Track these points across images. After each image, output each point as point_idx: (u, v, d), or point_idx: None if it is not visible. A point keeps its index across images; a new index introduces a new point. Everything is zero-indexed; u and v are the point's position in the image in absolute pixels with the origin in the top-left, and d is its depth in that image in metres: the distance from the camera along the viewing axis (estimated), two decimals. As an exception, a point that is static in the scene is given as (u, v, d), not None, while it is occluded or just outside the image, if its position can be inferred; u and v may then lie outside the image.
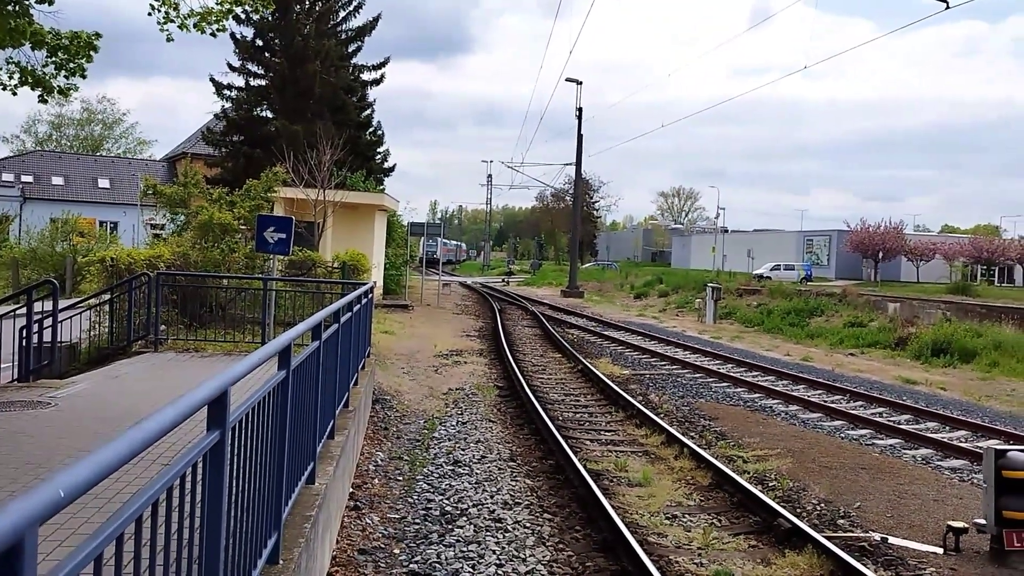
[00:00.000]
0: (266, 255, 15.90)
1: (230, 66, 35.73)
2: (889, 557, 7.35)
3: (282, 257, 15.50)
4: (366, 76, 39.13)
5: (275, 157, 24.87)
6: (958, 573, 6.98)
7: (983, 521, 7.44)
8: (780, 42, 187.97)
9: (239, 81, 36.20)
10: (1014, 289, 54.38)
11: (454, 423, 12.34)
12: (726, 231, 79.67)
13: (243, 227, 18.48)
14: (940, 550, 7.52)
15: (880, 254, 56.12)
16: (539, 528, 7.78)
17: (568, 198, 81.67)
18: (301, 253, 18.16)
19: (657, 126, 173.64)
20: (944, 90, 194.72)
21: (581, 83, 50.44)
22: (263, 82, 36.41)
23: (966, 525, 7.56)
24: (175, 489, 2.44)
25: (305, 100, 35.12)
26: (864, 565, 6.81)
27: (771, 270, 57.32)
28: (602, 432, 12.21)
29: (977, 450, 11.15)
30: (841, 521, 8.38)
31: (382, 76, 39.29)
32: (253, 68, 36.21)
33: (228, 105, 36.40)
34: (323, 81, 34.96)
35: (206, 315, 14.32)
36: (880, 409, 14.90)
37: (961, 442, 12.25)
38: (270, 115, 36.52)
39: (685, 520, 8.28)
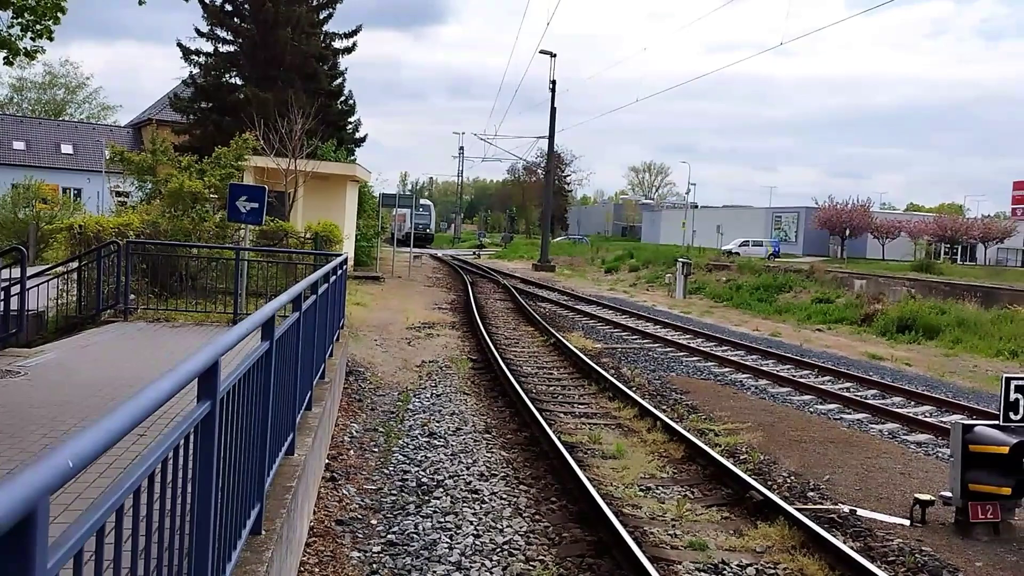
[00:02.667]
0: (237, 224, 15.72)
1: (198, 31, 34.98)
2: (858, 528, 7.51)
3: (253, 227, 15.32)
4: (337, 44, 38.53)
5: (245, 125, 24.46)
6: (925, 544, 7.15)
7: (949, 494, 7.62)
8: (754, 19, 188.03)
9: (207, 47, 35.47)
10: (976, 268, 55.38)
11: (428, 395, 12.35)
12: (696, 207, 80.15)
13: (213, 196, 18.21)
14: (907, 522, 7.70)
15: (847, 231, 56.86)
16: (515, 499, 7.84)
17: (540, 172, 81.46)
18: (273, 223, 17.96)
19: (631, 101, 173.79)
20: (912, 69, 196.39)
21: (555, 55, 50.18)
22: (232, 48, 35.72)
23: (933, 498, 7.74)
24: (169, 461, 2.41)
25: (275, 67, 34.54)
26: (834, 536, 6.95)
27: (740, 246, 57.80)
28: (576, 405, 12.29)
29: (942, 425, 11.41)
30: (811, 493, 8.53)
31: (354, 44, 38.71)
32: (222, 33, 35.48)
33: (196, 71, 35.69)
34: (294, 48, 34.38)
35: (176, 285, 14.14)
36: (847, 384, 15.16)
37: (926, 417, 12.51)
38: (239, 82, 35.87)
39: (659, 492, 8.39)
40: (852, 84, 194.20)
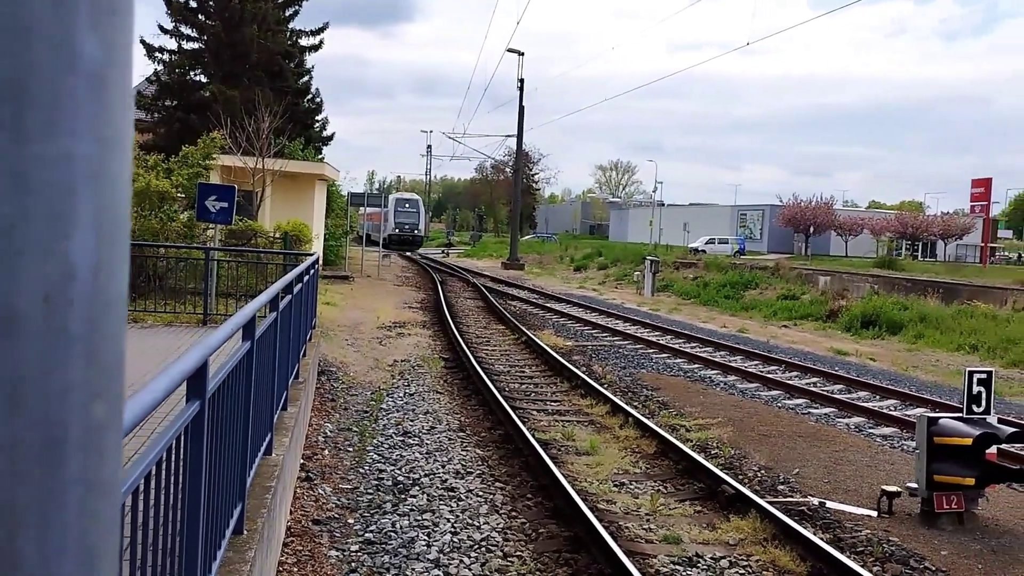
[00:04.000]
0: (205, 224, 15.59)
1: (162, 28, 34.53)
2: (827, 520, 7.67)
3: (222, 227, 15.21)
4: (304, 42, 38.28)
5: (211, 123, 24.21)
6: (892, 534, 7.33)
7: (915, 485, 7.81)
8: (720, 19, 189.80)
9: (171, 44, 35.05)
10: (937, 264, 56.49)
11: (401, 394, 12.36)
12: (663, 205, 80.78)
13: (181, 195, 18.03)
14: (874, 513, 7.88)
15: (811, 229, 57.70)
16: (492, 496, 7.89)
17: (508, 170, 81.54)
18: (242, 223, 17.84)
19: (598, 99, 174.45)
20: (874, 69, 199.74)
21: (523, 54, 50.21)
22: (197, 45, 35.33)
23: (899, 489, 7.92)
24: (163, 461, 2.43)
25: (241, 65, 34.22)
26: (804, 528, 7.09)
27: (706, 243, 58.43)
28: (548, 402, 12.37)
29: (906, 418, 11.66)
30: (781, 487, 8.69)
31: (321, 42, 38.49)
32: (186, 31, 35.07)
33: (160, 68, 35.25)
34: (260, 46, 34.08)
35: (144, 285, 13.99)
36: (814, 379, 15.41)
37: (891, 410, 12.77)
38: (205, 80, 35.50)
39: (633, 487, 8.49)
40: (816, 83, 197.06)
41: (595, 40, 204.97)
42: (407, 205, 60.12)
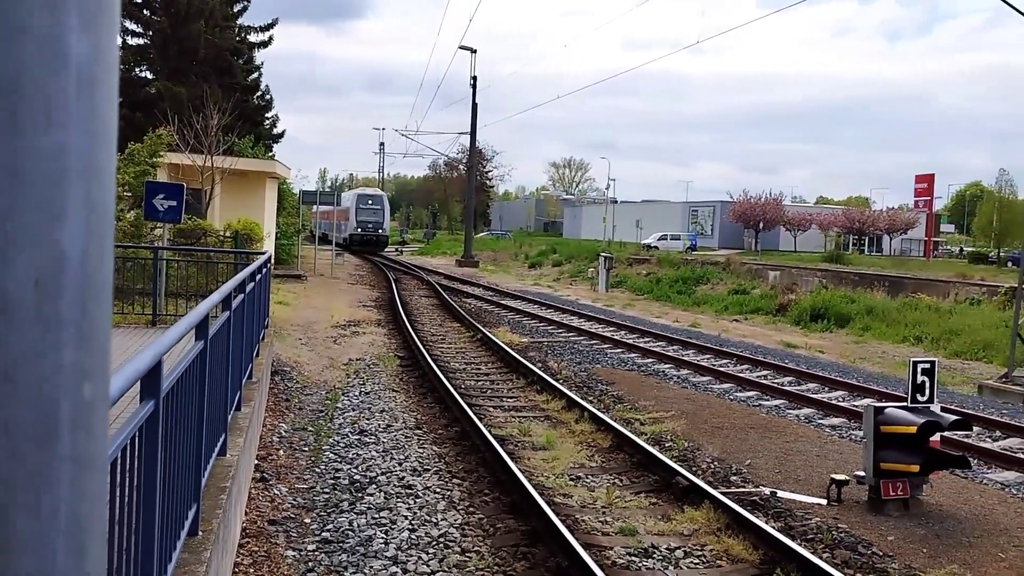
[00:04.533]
0: (153, 223, 15.31)
1: (106, 23, 33.82)
2: (779, 509, 7.84)
3: (171, 225, 14.97)
4: (253, 38, 37.90)
5: (158, 120, 23.78)
6: (841, 521, 7.52)
7: (863, 473, 8.02)
8: (670, 18, 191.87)
9: (116, 39, 34.34)
10: (883, 258, 57.87)
11: (357, 393, 12.29)
12: (616, 202, 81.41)
13: (127, 194, 17.69)
14: (824, 501, 8.07)
15: (761, 224, 58.62)
16: (449, 493, 7.91)
17: (462, 167, 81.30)
18: (191, 222, 17.56)
19: (551, 97, 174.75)
20: (820, 68, 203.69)
21: (475, 51, 50.17)
22: (142, 41, 34.70)
23: (847, 477, 8.13)
24: (118, 462, 2.40)
25: (188, 61, 33.69)
26: (757, 517, 7.24)
27: (658, 240, 59.04)
28: (504, 399, 12.42)
29: (854, 409, 11.95)
30: (734, 478, 8.85)
31: (270, 38, 38.14)
32: (131, 26, 34.40)
33: (104, 65, 34.51)
34: (207, 41, 33.60)
35: (91, 286, 13.69)
36: (765, 372, 15.70)
37: (840, 401, 13.08)
38: (151, 76, 34.87)
39: (589, 481, 8.58)
40: (764, 82, 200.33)
41: (547, 38, 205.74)
42: (371, 202, 53.75)
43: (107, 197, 0.49)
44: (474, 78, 50.66)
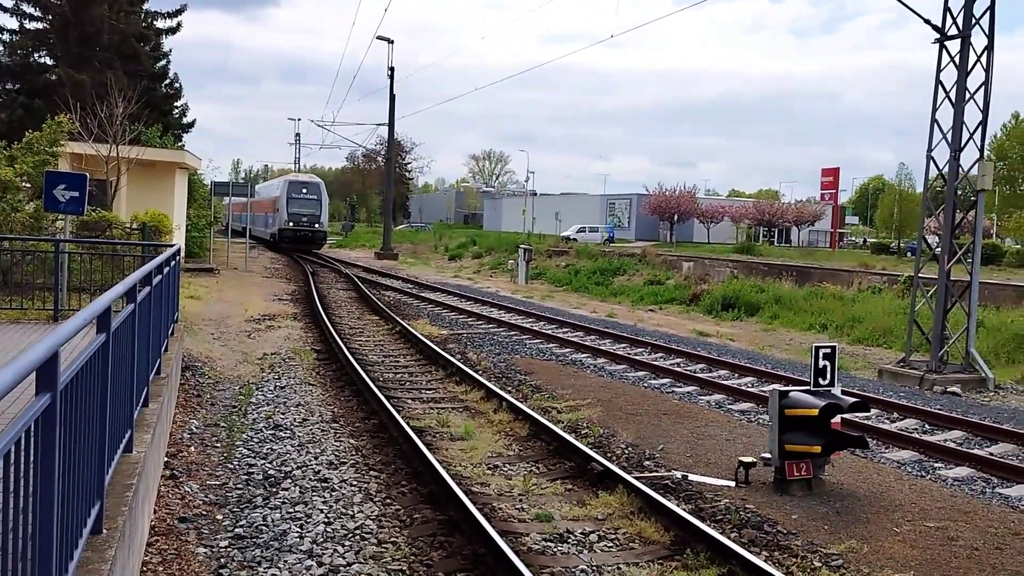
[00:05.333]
0: (55, 215, 14.71)
1: (1, 6, 32.20)
2: (689, 492, 8.07)
3: (73, 217, 14.40)
4: (161, 23, 36.71)
5: (59, 108, 22.80)
6: (748, 502, 7.79)
7: (768, 455, 8.31)
8: (586, 11, 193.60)
9: (12, 23, 32.76)
10: (791, 249, 59.87)
11: (271, 388, 12.08)
12: (535, 194, 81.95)
13: (26, 185, 16.93)
14: (732, 483, 8.34)
15: (676, 216, 59.95)
16: (366, 485, 7.87)
17: (380, 159, 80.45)
18: (95, 213, 16.92)
19: (470, 89, 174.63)
20: (732, 63, 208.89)
21: (392, 42, 49.69)
22: (41, 25, 33.15)
23: (754, 460, 8.42)
24: (11, 455, 2.33)
25: (91, 47, 32.36)
26: (668, 500, 7.44)
27: (577, 232, 59.73)
28: (423, 391, 12.40)
29: (762, 394, 12.36)
30: (647, 462, 9.06)
31: (179, 24, 37.01)
32: (29, 9, 32.87)
33: (0, 49, 32.86)
34: (111, 27, 32.36)
35: (-14, 281, 13.06)
36: (678, 360, 16.09)
37: (748, 387, 13.51)
38: (51, 62, 33.37)
39: (506, 469, 8.66)
40: (679, 76, 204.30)
41: (465, 30, 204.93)
42: (305, 190, 45.18)
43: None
44: (392, 69, 50.20)
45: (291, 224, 43.29)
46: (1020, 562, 6.66)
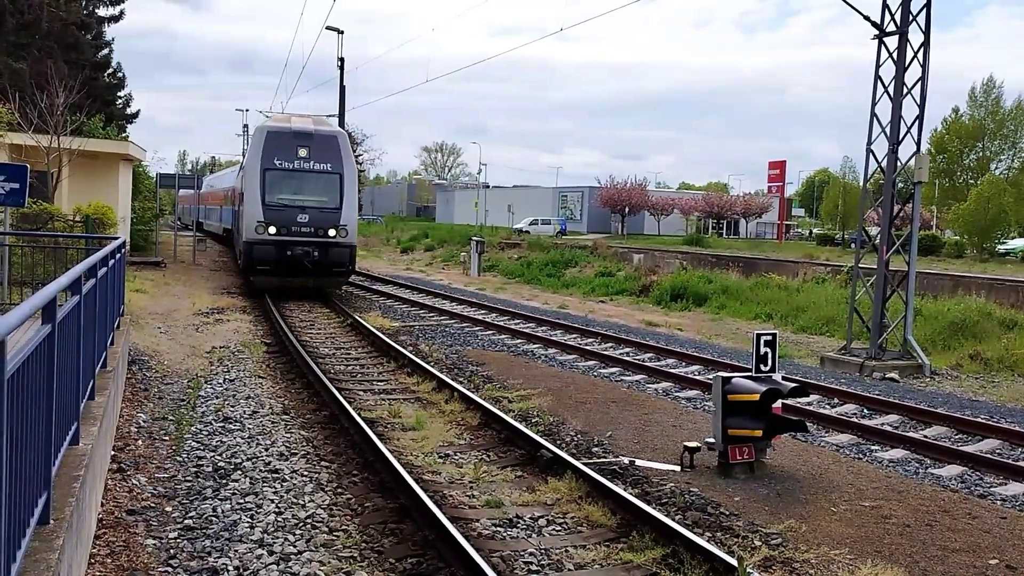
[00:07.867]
0: (-6, 207, 14.37)
1: (-66, -9, 31.12)
2: (636, 476, 8.26)
3: (13, 209, 14.10)
4: (103, 11, 35.86)
5: (-3, 98, 22.19)
6: (693, 486, 8.00)
7: (712, 440, 8.55)
8: (536, 3, 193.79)
9: (-54, 9, 31.67)
10: (739, 240, 60.85)
11: (221, 381, 12.00)
12: (488, 187, 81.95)
13: (-37, 176, 16.47)
14: (678, 468, 8.56)
15: (627, 209, 60.48)
16: (317, 476, 7.90)
17: (330, 151, 79.11)
18: (36, 205, 16.57)
19: (421, 81, 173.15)
20: (681, 57, 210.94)
21: (342, 32, 48.95)
22: (-24, 12, 32.09)
23: (699, 444, 8.64)
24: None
25: (30, 35, 31.50)
26: (616, 485, 7.61)
27: (530, 224, 59.96)
28: (375, 382, 12.43)
29: (708, 381, 12.63)
30: (595, 449, 9.24)
31: (121, 12, 36.21)
32: (-37, -5, 31.78)
33: (-67, 36, 31.77)
34: (51, 14, 31.50)
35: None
36: (627, 349, 16.35)
37: (695, 375, 13.80)
38: (-13, 50, 32.33)
39: (457, 458, 8.76)
40: (628, 70, 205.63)
41: (415, 21, 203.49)
42: (303, 151, 21.57)
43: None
44: (341, 59, 49.58)
45: (271, 230, 20.95)
46: (949, 537, 6.98)
